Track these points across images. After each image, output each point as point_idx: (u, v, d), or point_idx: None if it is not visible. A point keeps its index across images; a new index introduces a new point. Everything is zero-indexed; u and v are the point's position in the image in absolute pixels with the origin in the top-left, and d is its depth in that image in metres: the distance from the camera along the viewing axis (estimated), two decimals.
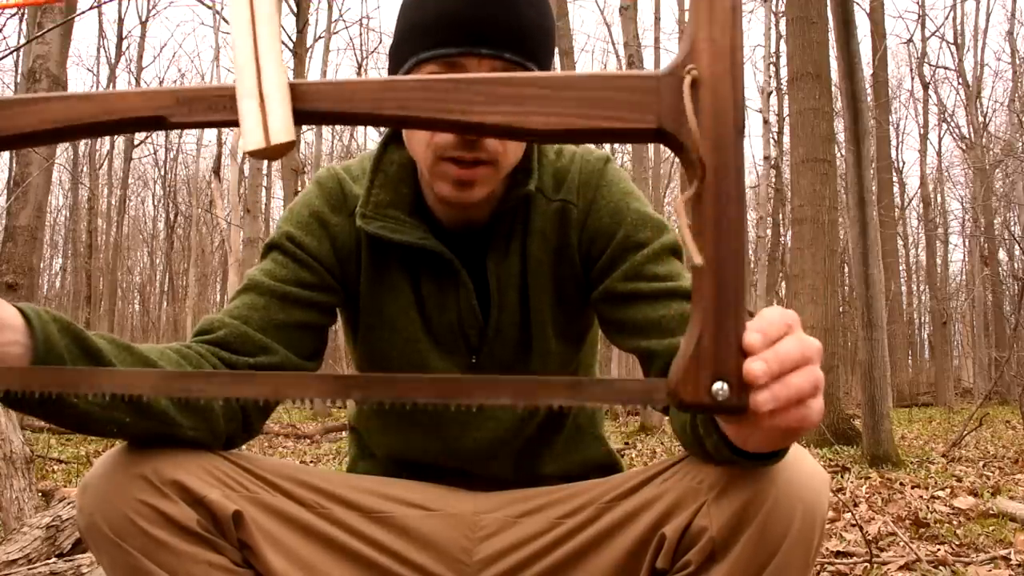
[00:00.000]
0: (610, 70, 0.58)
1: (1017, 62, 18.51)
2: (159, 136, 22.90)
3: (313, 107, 0.60)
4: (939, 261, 20.41)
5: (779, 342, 0.62)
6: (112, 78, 19.99)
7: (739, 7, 0.57)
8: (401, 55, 1.00)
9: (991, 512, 3.26)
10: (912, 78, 20.73)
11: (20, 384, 0.68)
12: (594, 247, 1.07)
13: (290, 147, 0.60)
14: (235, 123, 0.61)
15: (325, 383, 0.62)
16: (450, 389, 0.60)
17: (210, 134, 21.95)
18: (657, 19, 14.97)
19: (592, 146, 1.17)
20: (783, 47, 13.26)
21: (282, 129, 0.60)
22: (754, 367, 0.58)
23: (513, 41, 0.95)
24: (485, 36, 0.93)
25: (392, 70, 1.03)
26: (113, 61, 20.11)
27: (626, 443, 6.85)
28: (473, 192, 0.99)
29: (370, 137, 22.20)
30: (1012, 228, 18.80)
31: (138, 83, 20.15)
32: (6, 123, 0.61)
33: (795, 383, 0.62)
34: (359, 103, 0.60)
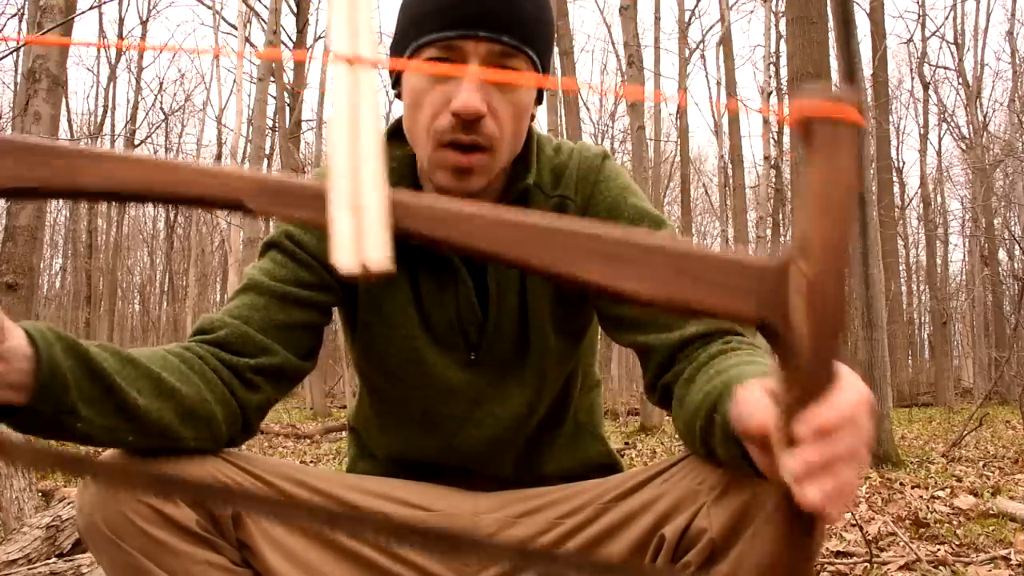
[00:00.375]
0: (715, 249, 0.57)
1: (1017, 62, 18.51)
2: (159, 136, 22.91)
3: (405, 225, 0.57)
4: (939, 261, 20.42)
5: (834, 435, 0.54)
6: (112, 78, 19.99)
7: (853, 204, 0.55)
8: (403, 46, 1.00)
9: (991, 512, 3.26)
10: (912, 78, 20.74)
11: (27, 461, 0.65)
12: None
13: (383, 275, 0.56)
14: (320, 225, 0.57)
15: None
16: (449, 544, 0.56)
17: (210, 134, 21.95)
18: (657, 19, 14.96)
19: (590, 142, 1.17)
20: (783, 47, 13.26)
21: (378, 254, 0.56)
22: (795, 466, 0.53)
23: (511, 25, 0.95)
24: (482, 20, 0.94)
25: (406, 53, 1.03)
26: (113, 61, 20.12)
27: (626, 443, 6.85)
28: (471, 181, 0.99)
29: None
30: (1012, 228, 18.80)
31: (138, 83, 20.16)
32: (68, 176, 0.59)
33: (843, 477, 0.54)
34: (450, 231, 0.57)
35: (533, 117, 1.07)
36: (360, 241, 0.56)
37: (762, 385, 0.63)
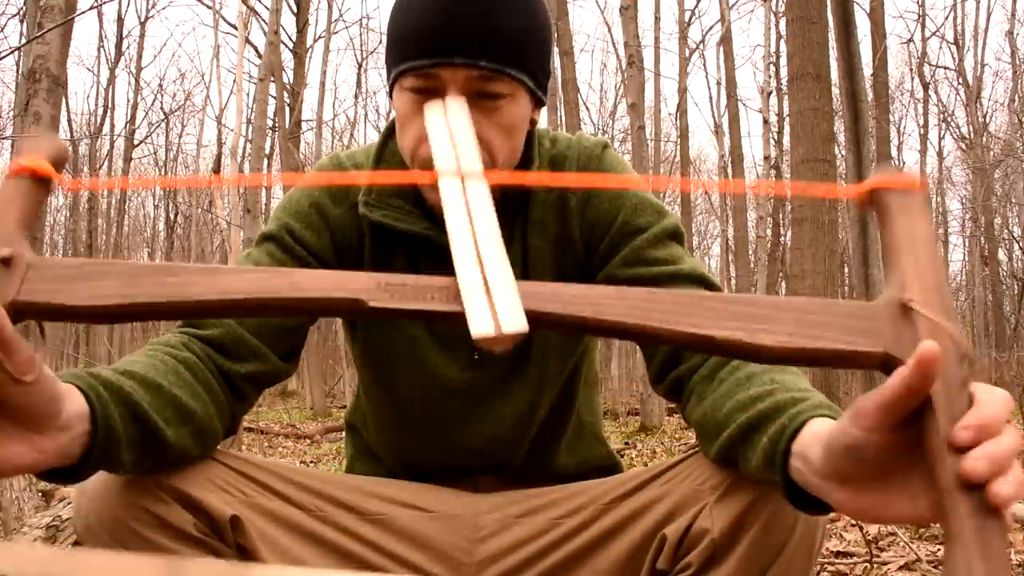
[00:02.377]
0: (828, 299, 0.65)
1: (1017, 62, 18.50)
2: (159, 136, 22.90)
3: (529, 306, 0.60)
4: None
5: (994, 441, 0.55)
6: (112, 78, 19.97)
7: (938, 256, 0.62)
8: (387, 69, 1.00)
9: None
10: (912, 78, 20.72)
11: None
12: (594, 234, 1.06)
13: (521, 338, 0.59)
14: (446, 315, 0.60)
15: None
16: None
17: (210, 134, 21.95)
18: (657, 19, 14.95)
19: (588, 132, 1.17)
20: (783, 47, 13.26)
21: (513, 319, 0.59)
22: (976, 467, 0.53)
23: (488, 48, 0.92)
24: (457, 46, 0.92)
25: (387, 80, 1.02)
26: (113, 61, 20.10)
27: (626, 443, 6.84)
28: None
29: (370, 137, 22.19)
30: (1012, 228, 18.80)
31: (138, 83, 20.15)
32: (179, 289, 0.59)
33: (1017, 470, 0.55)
34: (584, 308, 0.60)
35: (534, 122, 1.06)
36: (494, 313, 0.60)
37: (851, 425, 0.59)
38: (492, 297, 0.60)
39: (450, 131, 0.73)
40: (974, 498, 0.53)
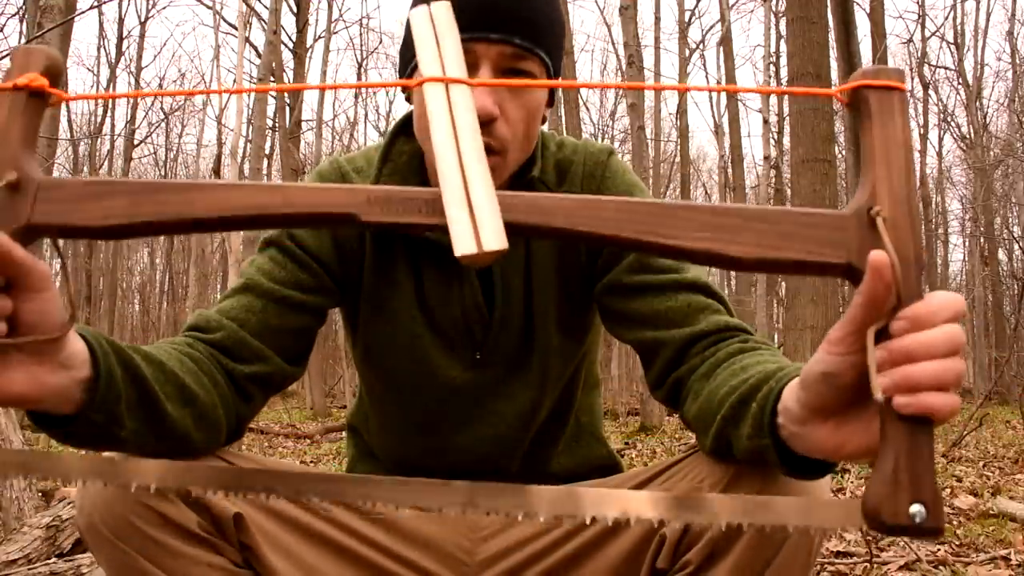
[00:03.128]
0: (799, 208, 0.65)
1: (1017, 62, 18.50)
2: (159, 136, 22.90)
3: (509, 219, 0.62)
4: (939, 261, 20.40)
5: (921, 332, 0.58)
6: (112, 78, 19.97)
7: (911, 157, 0.62)
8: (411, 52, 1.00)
9: (991, 512, 3.26)
10: (912, 78, 20.72)
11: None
12: None
13: (500, 255, 0.61)
14: (432, 227, 0.62)
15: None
16: None
17: (210, 134, 21.94)
18: (657, 19, 14.96)
19: (589, 135, 1.17)
20: (783, 47, 13.26)
21: (494, 237, 0.61)
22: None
23: (523, 27, 0.95)
24: (495, 22, 0.94)
25: (402, 69, 1.02)
26: (113, 61, 20.11)
27: (626, 443, 6.84)
28: None
29: (370, 137, 22.19)
30: (1012, 228, 18.79)
31: (138, 83, 20.15)
32: (183, 207, 0.61)
33: (931, 369, 0.57)
34: (558, 218, 0.62)
35: (545, 119, 1.06)
36: (476, 230, 0.62)
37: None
38: (474, 214, 0.62)
39: (436, 34, 0.71)
40: (896, 400, 0.57)
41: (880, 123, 0.61)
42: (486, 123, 0.93)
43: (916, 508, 0.57)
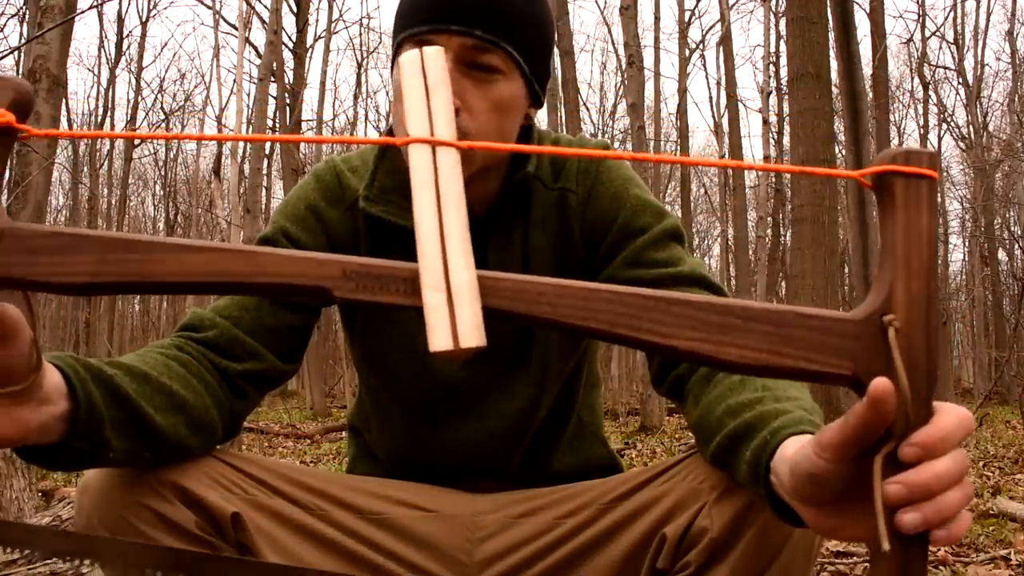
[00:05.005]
0: (806, 308, 0.58)
1: (1017, 62, 18.50)
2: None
3: (491, 304, 0.58)
4: (939, 261, 20.41)
5: (937, 461, 0.54)
6: (112, 78, 19.97)
7: (935, 257, 0.56)
8: (392, 42, 1.01)
9: (991, 512, 3.26)
10: (912, 78, 20.72)
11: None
12: (595, 234, 1.07)
13: (479, 350, 0.57)
14: (410, 308, 0.58)
15: None
16: None
17: (210, 134, 21.92)
18: (657, 19, 14.97)
19: (589, 135, 1.16)
20: (783, 47, 13.26)
21: (472, 332, 0.57)
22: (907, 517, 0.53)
23: (485, 18, 0.94)
24: (454, 12, 0.93)
25: (392, 64, 1.03)
26: (113, 61, 20.10)
27: (626, 443, 6.84)
28: None
29: (370, 137, 22.15)
30: (1012, 228, 18.78)
31: (138, 83, 20.15)
32: (145, 269, 0.58)
33: (953, 501, 0.54)
34: (543, 307, 0.58)
35: (529, 117, 1.06)
36: (453, 322, 0.57)
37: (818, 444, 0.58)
38: (453, 300, 0.57)
39: (426, 86, 0.65)
40: (897, 520, 0.53)
41: (905, 215, 0.56)
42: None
43: None
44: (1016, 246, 18.50)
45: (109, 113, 20.19)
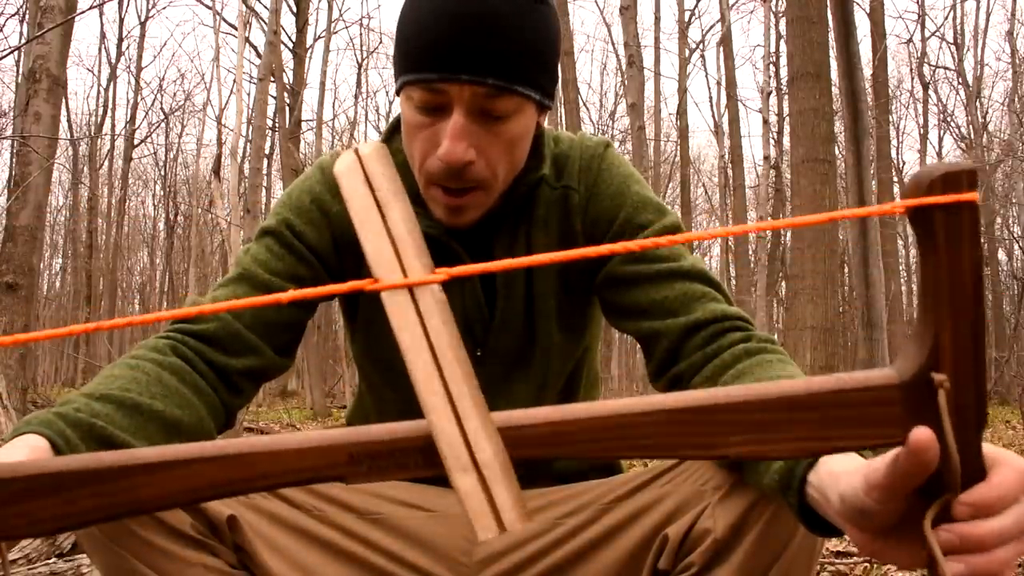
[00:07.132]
0: (846, 375, 0.53)
1: (1017, 62, 18.50)
2: (159, 136, 22.90)
3: (524, 455, 0.52)
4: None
5: (994, 519, 0.53)
6: (112, 78, 19.97)
7: (982, 294, 0.51)
8: (395, 71, 0.98)
9: None
10: (912, 78, 20.73)
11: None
12: (596, 231, 1.06)
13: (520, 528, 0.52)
14: (427, 477, 0.52)
15: None
16: None
17: (210, 134, 21.94)
18: (657, 19, 14.97)
19: (590, 132, 1.16)
20: (783, 47, 13.26)
21: (515, 512, 0.51)
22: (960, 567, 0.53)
23: (497, 66, 0.90)
24: (465, 62, 0.89)
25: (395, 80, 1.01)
26: (113, 61, 20.11)
27: None
28: (465, 216, 0.99)
29: (370, 137, 22.19)
30: (1012, 228, 18.80)
31: (138, 83, 20.16)
32: (148, 491, 0.51)
33: (1008, 556, 0.53)
34: (578, 446, 0.52)
35: (539, 126, 1.05)
36: (492, 503, 0.52)
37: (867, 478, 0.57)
38: (487, 483, 0.51)
39: (379, 205, 0.52)
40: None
41: (947, 252, 0.50)
42: (461, 167, 0.93)
43: None
44: (1016, 246, 18.51)
45: (109, 113, 20.19)
